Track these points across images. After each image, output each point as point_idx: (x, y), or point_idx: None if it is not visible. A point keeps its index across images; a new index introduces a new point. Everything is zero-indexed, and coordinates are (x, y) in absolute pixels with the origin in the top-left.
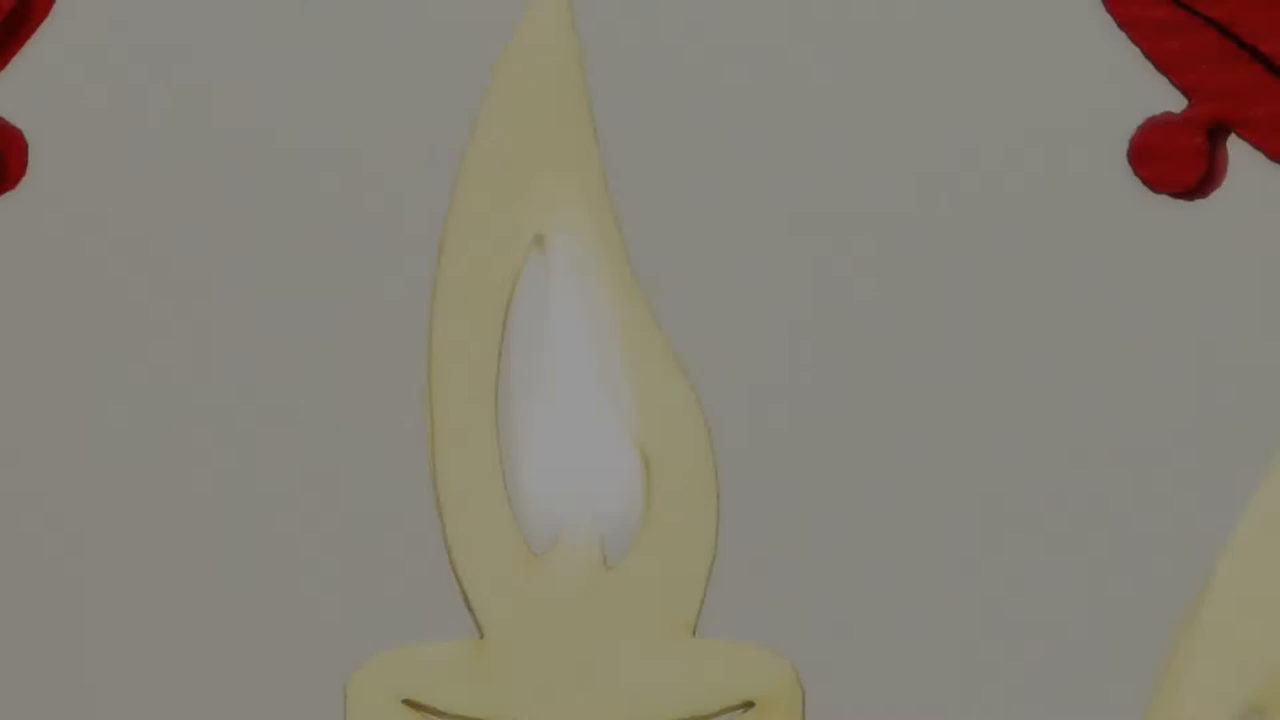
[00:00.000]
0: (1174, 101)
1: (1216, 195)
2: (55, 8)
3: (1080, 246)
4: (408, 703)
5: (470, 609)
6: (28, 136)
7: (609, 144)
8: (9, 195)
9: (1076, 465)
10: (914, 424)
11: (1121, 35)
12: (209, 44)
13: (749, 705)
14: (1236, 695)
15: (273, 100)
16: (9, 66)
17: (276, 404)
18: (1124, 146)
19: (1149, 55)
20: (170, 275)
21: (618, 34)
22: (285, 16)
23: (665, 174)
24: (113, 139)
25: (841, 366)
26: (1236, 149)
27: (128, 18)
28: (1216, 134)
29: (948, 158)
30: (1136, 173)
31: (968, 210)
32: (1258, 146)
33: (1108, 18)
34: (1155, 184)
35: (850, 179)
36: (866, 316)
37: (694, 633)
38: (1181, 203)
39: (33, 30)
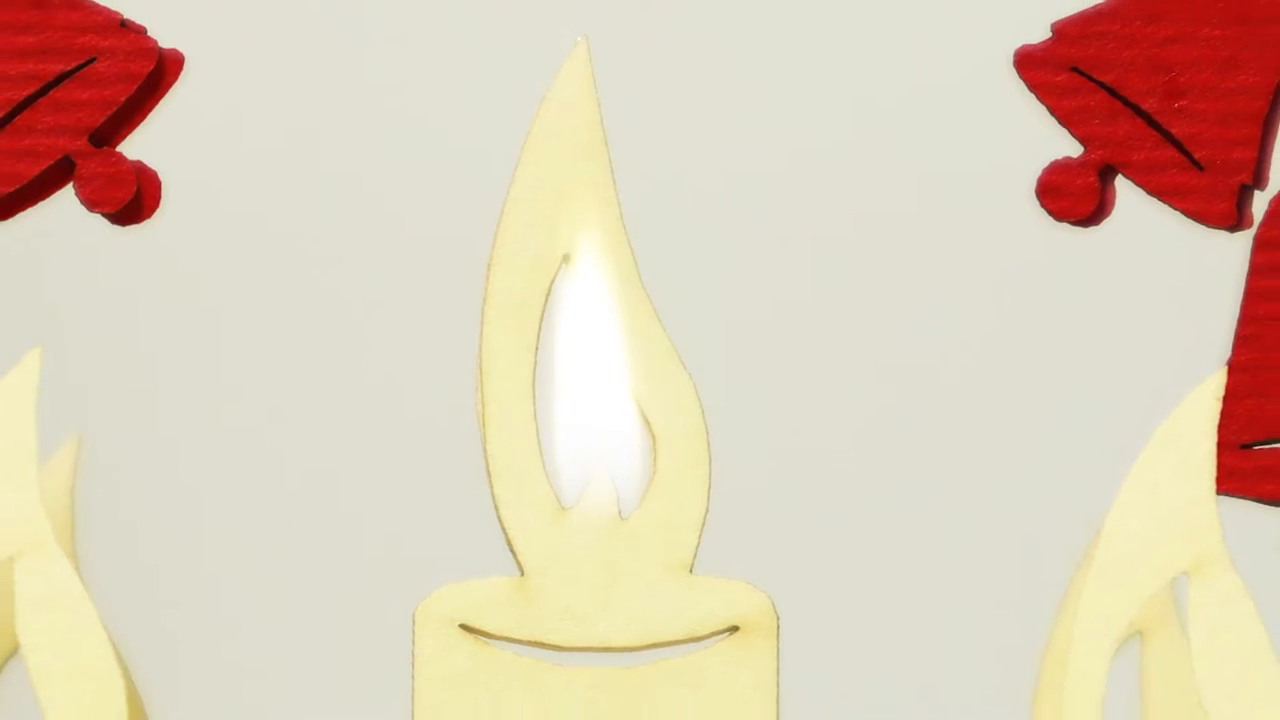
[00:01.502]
0: (1072, 148)
1: (1106, 224)
2: (184, 72)
3: (998, 263)
4: (463, 626)
5: (513, 553)
6: (160, 176)
7: (622, 181)
8: (145, 224)
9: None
10: (862, 418)
11: (1031, 96)
12: (305, 100)
13: (734, 629)
14: (1120, 620)
15: (361, 148)
16: (147, 119)
17: (370, 392)
18: (1033, 184)
19: (1052, 111)
20: (273, 286)
21: (629, 94)
22: (376, 79)
23: (667, 206)
24: (230, 177)
25: (807, 366)
26: (1123, 186)
27: (244, 81)
28: (1106, 174)
29: (896, 191)
30: (1043, 205)
31: (910, 232)
32: (1139, 184)
33: (1021, 82)
34: (1058, 215)
35: (815, 209)
36: (825, 326)
37: (690, 571)
38: (1079, 229)
39: (167, 89)
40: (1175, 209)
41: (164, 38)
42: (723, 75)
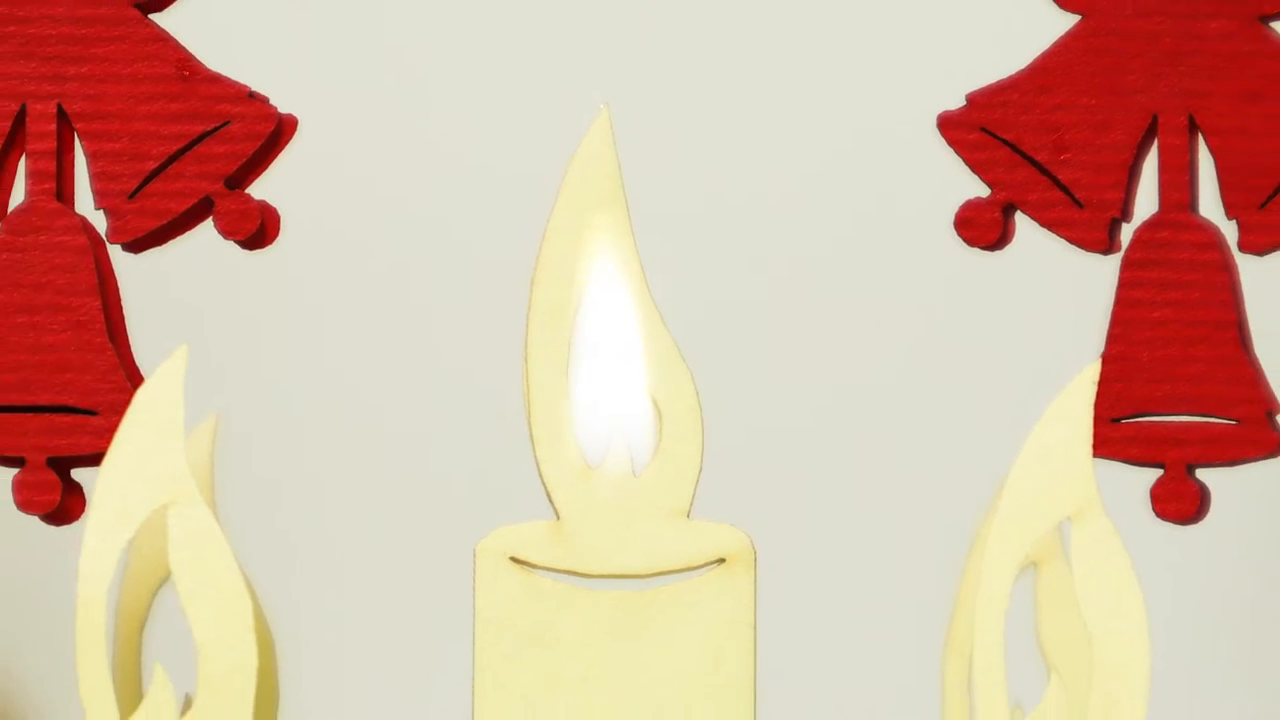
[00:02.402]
0: (982, 190)
1: (1009, 249)
2: (297, 130)
3: (928, 278)
4: (513, 559)
5: (551, 502)
6: (279, 212)
7: (635, 218)
8: (267, 248)
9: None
10: (823, 402)
11: (951, 150)
12: (391, 153)
13: (721, 560)
14: (1019, 554)
15: (436, 192)
16: (269, 167)
17: (444, 380)
18: (952, 217)
19: (966, 162)
20: (368, 295)
21: (638, 152)
22: (448, 139)
23: (669, 238)
24: (333, 212)
25: (779, 360)
26: (1021, 220)
27: (342, 138)
28: (1008, 210)
29: (850, 222)
30: (959, 234)
31: (861, 253)
32: (1033, 218)
33: (943, 140)
34: (970, 241)
35: (785, 236)
36: (794, 328)
37: (688, 516)
38: (987, 253)
39: (284, 144)
40: (1061, 237)
41: (282, 105)
42: (705, 135)
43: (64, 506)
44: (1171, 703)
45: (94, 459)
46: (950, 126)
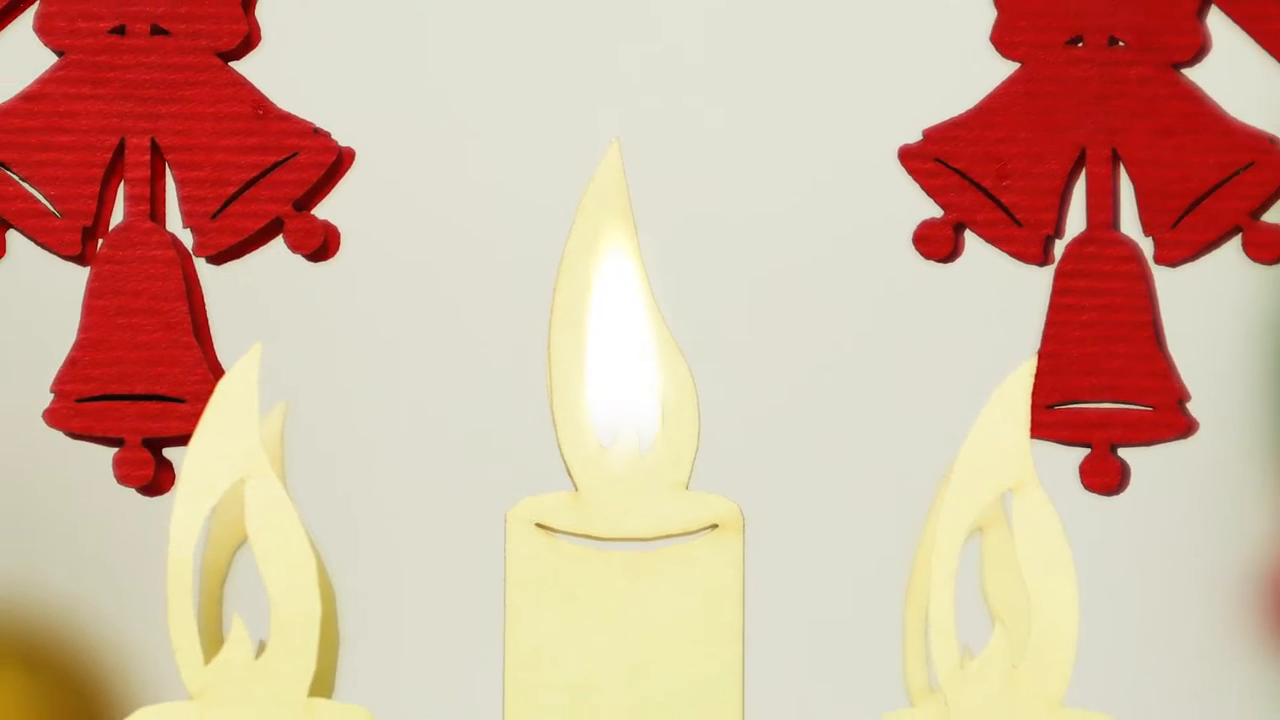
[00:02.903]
0: (936, 211)
1: (959, 262)
2: (355, 161)
3: (891, 285)
4: (538, 525)
5: (570, 476)
6: (340, 230)
7: (641, 234)
8: (329, 261)
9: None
10: (802, 392)
11: (910, 177)
12: (435, 180)
13: (715, 526)
14: (968, 521)
15: (475, 213)
16: (331, 192)
17: (479, 371)
18: (911, 234)
19: (923, 188)
20: (415, 300)
21: (644, 180)
22: (484, 171)
23: (670, 252)
24: (385, 230)
25: (763, 356)
26: (970, 237)
27: (394, 167)
28: (958, 228)
29: (827, 239)
30: (917, 249)
31: (835, 265)
32: (980, 235)
33: (903, 168)
34: (927, 255)
35: (769, 250)
36: (776, 329)
37: (686, 488)
38: (941, 265)
39: (344, 172)
40: (1004, 251)
41: (341, 139)
42: (706, 164)
43: (156, 480)
44: (1096, 645)
45: (182, 440)
46: (909, 157)
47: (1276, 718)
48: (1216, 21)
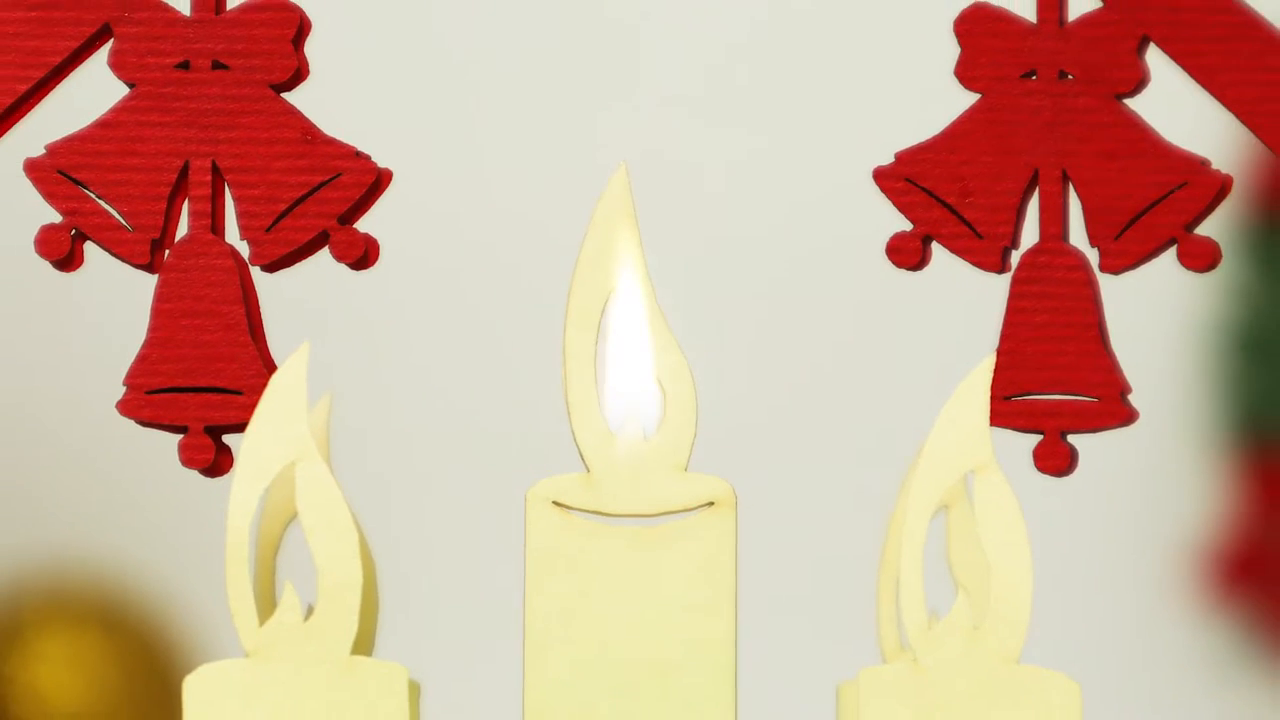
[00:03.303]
0: (906, 225)
1: (927, 270)
2: (392, 180)
3: (868, 290)
4: (555, 503)
5: (583, 460)
6: (379, 241)
7: (647, 245)
8: (370, 269)
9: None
10: (792, 384)
11: (884, 195)
12: (464, 197)
13: (710, 503)
14: (934, 498)
15: (499, 225)
16: (371, 208)
17: (503, 367)
18: (884, 245)
19: (895, 204)
20: (445, 301)
21: (648, 198)
22: (506, 192)
23: (671, 262)
24: (418, 241)
25: (755, 353)
26: (937, 249)
27: (426, 187)
28: (926, 240)
29: (814, 251)
30: (890, 259)
31: (821, 273)
32: (945, 247)
33: (877, 188)
34: (898, 264)
35: (760, 257)
36: (767, 330)
37: (685, 469)
38: (911, 273)
39: (383, 190)
40: (967, 261)
41: (381, 161)
42: (706, 183)
43: (217, 463)
44: (1048, 608)
45: (239, 427)
46: (883, 177)
47: (1207, 671)
48: (1154, 57)
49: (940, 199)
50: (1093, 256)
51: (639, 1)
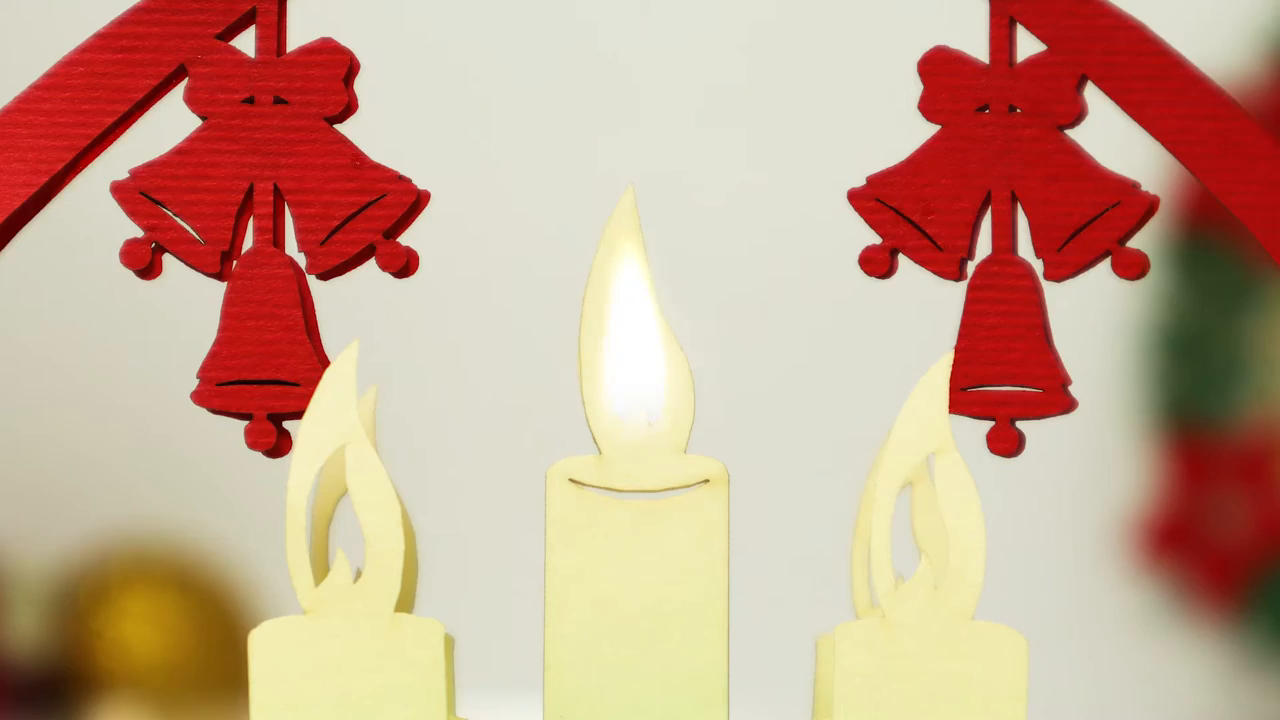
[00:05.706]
0: (876, 239)
1: (895, 278)
2: (431, 200)
3: (846, 296)
4: (571, 480)
5: (596, 443)
6: (419, 253)
7: (652, 257)
8: (411, 277)
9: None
10: (780, 380)
11: (857, 214)
12: (492, 215)
13: (706, 480)
14: (900, 476)
15: (520, 240)
16: (412, 224)
17: (525, 361)
18: (857, 256)
19: (867, 221)
20: (475, 302)
21: (652, 216)
22: (525, 211)
23: (672, 270)
24: (453, 252)
25: (750, 350)
26: (903, 260)
27: (460, 206)
28: (894, 253)
29: (801, 264)
30: (862, 269)
31: (796, 282)
32: (910, 258)
33: (851, 207)
34: (870, 273)
35: (751, 267)
36: (758, 331)
37: (685, 451)
38: (881, 280)
39: (422, 209)
40: (929, 270)
41: (420, 183)
42: (703, 204)
43: (278, 446)
44: (998, 571)
45: (297, 415)
46: (856, 198)
47: (1137, 626)
48: (1092, 94)
49: (906, 216)
50: (1038, 266)
51: (637, 45)
